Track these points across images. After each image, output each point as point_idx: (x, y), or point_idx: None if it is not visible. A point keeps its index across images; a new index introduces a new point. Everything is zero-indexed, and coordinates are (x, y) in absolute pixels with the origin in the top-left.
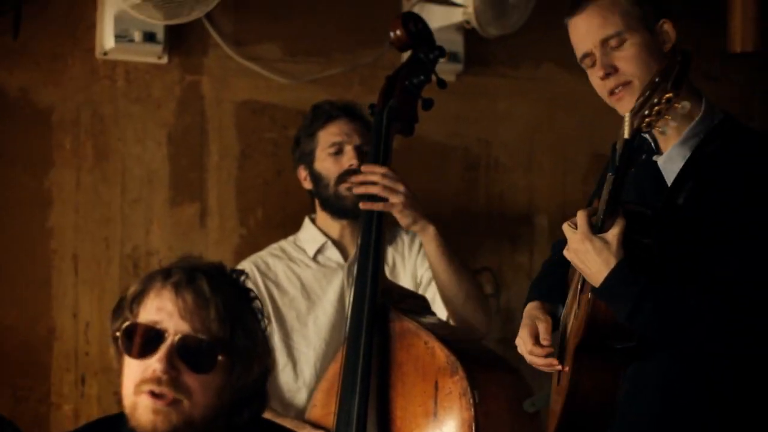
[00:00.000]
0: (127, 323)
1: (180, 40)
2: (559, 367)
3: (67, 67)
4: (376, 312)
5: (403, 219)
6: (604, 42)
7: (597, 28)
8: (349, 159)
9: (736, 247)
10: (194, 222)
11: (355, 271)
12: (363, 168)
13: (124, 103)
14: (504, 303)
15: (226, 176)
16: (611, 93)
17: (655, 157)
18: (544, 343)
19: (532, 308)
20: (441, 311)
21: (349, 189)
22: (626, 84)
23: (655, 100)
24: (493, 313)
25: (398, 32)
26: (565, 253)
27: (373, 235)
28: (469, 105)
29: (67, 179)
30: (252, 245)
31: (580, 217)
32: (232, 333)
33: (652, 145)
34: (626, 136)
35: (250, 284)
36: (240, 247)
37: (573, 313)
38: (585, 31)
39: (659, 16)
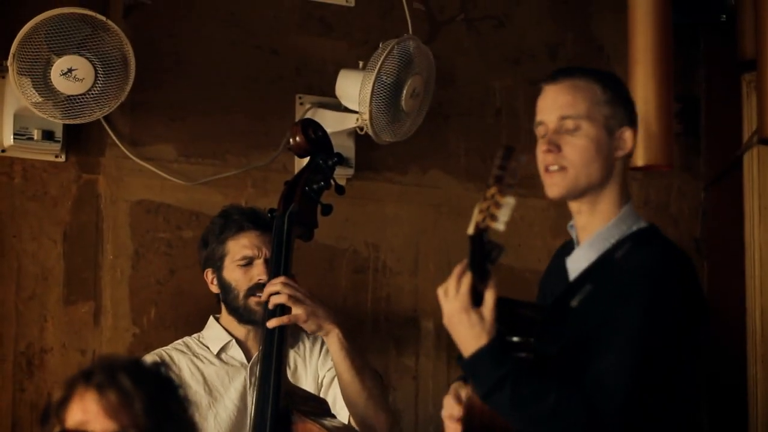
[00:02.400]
0: (56, 430)
1: (78, 139)
2: None
3: None
4: (279, 415)
5: (308, 327)
6: (562, 119)
7: (562, 104)
8: (259, 273)
9: (606, 351)
10: (88, 320)
11: (257, 373)
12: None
13: (21, 200)
14: (390, 404)
15: (119, 275)
16: (546, 170)
17: (567, 257)
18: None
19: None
20: (343, 414)
21: (260, 303)
22: (562, 169)
23: (484, 200)
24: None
25: (298, 138)
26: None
27: (275, 339)
28: (358, 209)
29: None
30: (145, 344)
31: (464, 284)
32: (160, 424)
33: (576, 244)
34: (470, 232)
35: (172, 374)
36: (133, 346)
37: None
38: (551, 102)
39: (624, 122)
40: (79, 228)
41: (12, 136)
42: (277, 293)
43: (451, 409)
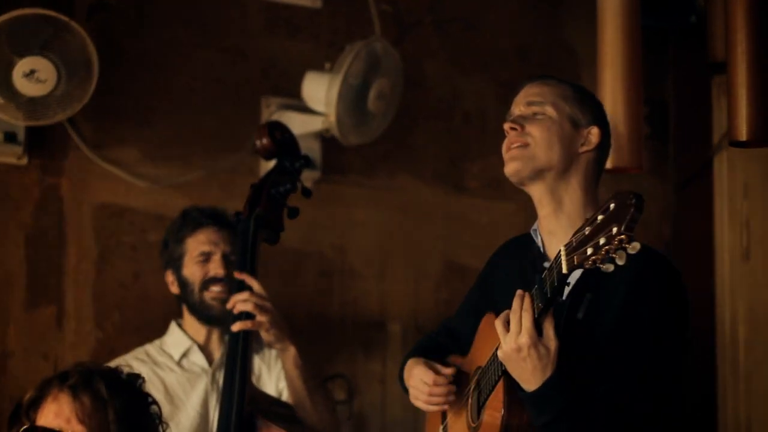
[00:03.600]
0: (24, 428)
1: (41, 142)
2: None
3: None
4: (243, 419)
5: (267, 337)
6: (528, 105)
7: (530, 93)
8: (215, 267)
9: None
10: (51, 324)
11: (220, 378)
12: (236, 275)
13: None
14: (357, 408)
15: (83, 279)
16: (508, 148)
17: (545, 263)
18: (447, 372)
19: (411, 364)
20: None
21: (215, 299)
22: (524, 146)
23: (602, 241)
24: (345, 420)
25: (264, 140)
26: (500, 353)
27: (240, 343)
28: (324, 212)
29: None
30: (109, 349)
31: (527, 318)
32: None
33: (541, 249)
34: (564, 270)
35: (147, 389)
36: (97, 351)
37: (467, 424)
38: (522, 96)
39: (593, 122)
40: (41, 231)
41: None
42: (245, 300)
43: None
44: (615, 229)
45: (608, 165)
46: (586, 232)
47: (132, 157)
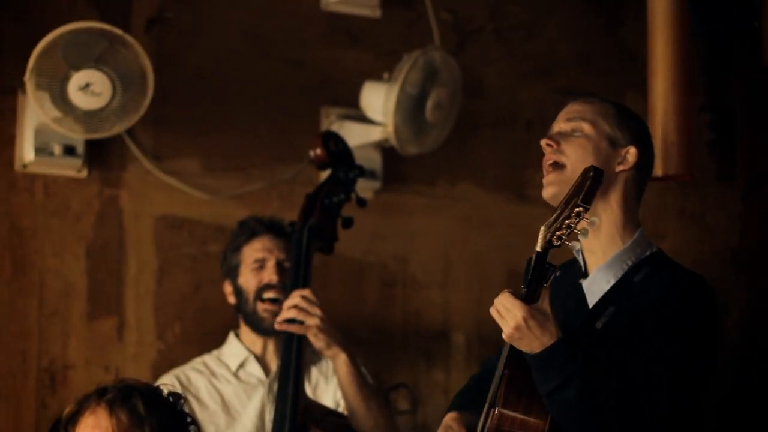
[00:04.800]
0: None
1: (100, 154)
2: None
3: None
4: (296, 430)
5: (316, 342)
6: (568, 121)
7: (571, 110)
8: (269, 274)
9: (645, 375)
10: (112, 336)
11: (275, 388)
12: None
13: (43, 216)
14: (421, 419)
15: (144, 290)
16: (545, 167)
17: (581, 280)
18: None
19: (448, 419)
20: None
21: (267, 310)
22: (559, 166)
23: (566, 214)
24: (409, 430)
25: (318, 151)
26: (506, 336)
27: (293, 353)
28: (386, 222)
29: None
30: (169, 360)
31: (508, 297)
32: None
33: (582, 268)
34: (538, 248)
35: (188, 408)
36: (157, 362)
37: (480, 428)
38: (564, 112)
39: (631, 142)
40: (101, 243)
41: (33, 152)
42: (293, 305)
43: None
44: (575, 201)
45: (658, 173)
46: (560, 210)
47: (192, 169)
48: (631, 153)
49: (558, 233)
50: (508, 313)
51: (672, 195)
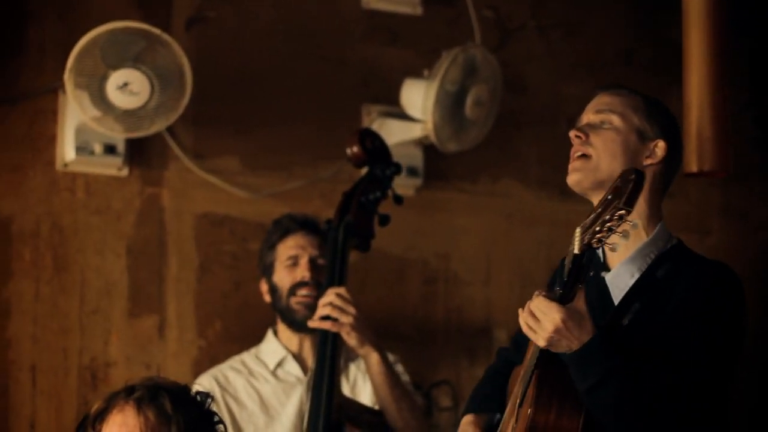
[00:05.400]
0: None
1: (140, 153)
2: None
3: (28, 178)
4: (331, 429)
5: (349, 340)
6: (597, 113)
7: (601, 102)
8: (302, 271)
9: (676, 368)
10: (153, 333)
11: (311, 385)
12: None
13: (84, 214)
14: (462, 416)
15: (184, 288)
16: (572, 157)
17: (603, 273)
18: None
19: (465, 423)
20: None
21: (299, 302)
22: (586, 156)
23: (607, 217)
24: (450, 426)
25: (355, 149)
26: (543, 343)
27: (328, 351)
28: (427, 219)
29: (26, 290)
30: (211, 357)
31: (542, 300)
32: None
33: (602, 260)
34: (576, 251)
35: (215, 408)
36: (199, 359)
37: (510, 428)
38: (594, 104)
39: (660, 136)
40: (142, 241)
41: (74, 151)
42: (329, 303)
43: None
44: (616, 204)
45: (693, 168)
46: (598, 211)
47: (232, 167)
48: (660, 147)
49: (598, 236)
50: (545, 316)
51: (716, 191)
